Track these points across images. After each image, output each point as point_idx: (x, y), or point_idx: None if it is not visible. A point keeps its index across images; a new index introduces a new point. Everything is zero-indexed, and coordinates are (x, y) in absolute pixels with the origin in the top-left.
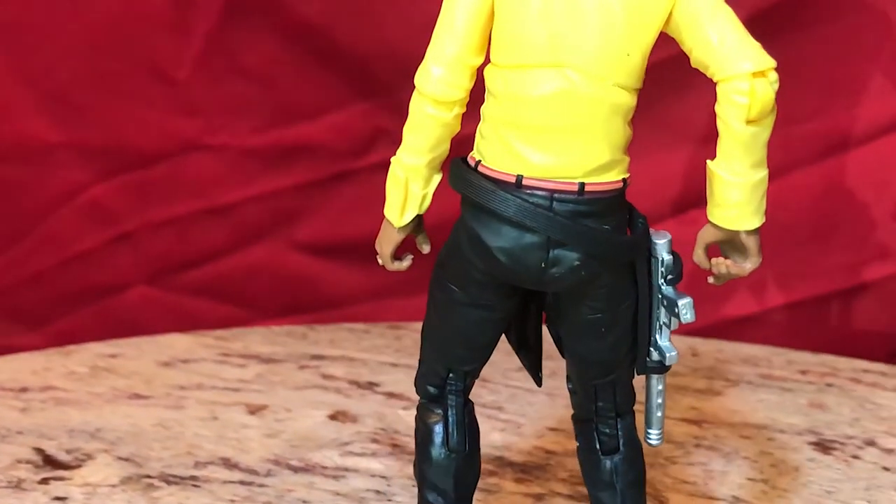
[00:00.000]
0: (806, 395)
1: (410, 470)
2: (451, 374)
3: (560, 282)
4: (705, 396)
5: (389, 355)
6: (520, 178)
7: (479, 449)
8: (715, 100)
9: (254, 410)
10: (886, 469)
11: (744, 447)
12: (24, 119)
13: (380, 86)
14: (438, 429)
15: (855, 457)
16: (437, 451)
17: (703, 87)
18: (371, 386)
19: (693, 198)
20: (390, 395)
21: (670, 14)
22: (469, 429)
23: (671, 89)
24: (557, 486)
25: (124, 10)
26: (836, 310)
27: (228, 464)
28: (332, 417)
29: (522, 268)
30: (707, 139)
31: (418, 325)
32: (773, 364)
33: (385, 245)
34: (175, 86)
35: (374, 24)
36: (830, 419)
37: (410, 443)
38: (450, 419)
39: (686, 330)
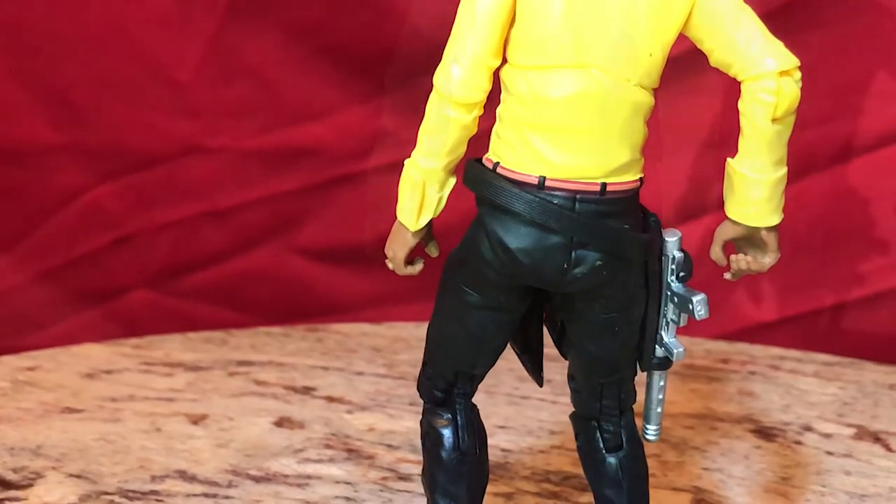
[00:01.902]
0: (733, 384)
1: (374, 475)
2: (458, 378)
3: (582, 282)
4: (638, 388)
5: (316, 358)
6: (542, 179)
7: (487, 453)
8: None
9: (195, 420)
10: (830, 453)
11: (690, 437)
12: (24, 121)
13: (382, 87)
14: (448, 433)
15: (797, 443)
16: (448, 455)
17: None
18: (308, 390)
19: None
20: (330, 399)
21: (689, 14)
22: (478, 432)
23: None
24: (523, 484)
25: (126, 11)
26: (849, 317)
27: (186, 476)
28: (278, 424)
29: (545, 269)
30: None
31: (337, 327)
32: (694, 354)
33: (399, 250)
34: (177, 87)
35: (377, 25)
36: (763, 406)
37: (365, 447)
38: (459, 422)
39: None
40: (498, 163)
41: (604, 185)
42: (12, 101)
